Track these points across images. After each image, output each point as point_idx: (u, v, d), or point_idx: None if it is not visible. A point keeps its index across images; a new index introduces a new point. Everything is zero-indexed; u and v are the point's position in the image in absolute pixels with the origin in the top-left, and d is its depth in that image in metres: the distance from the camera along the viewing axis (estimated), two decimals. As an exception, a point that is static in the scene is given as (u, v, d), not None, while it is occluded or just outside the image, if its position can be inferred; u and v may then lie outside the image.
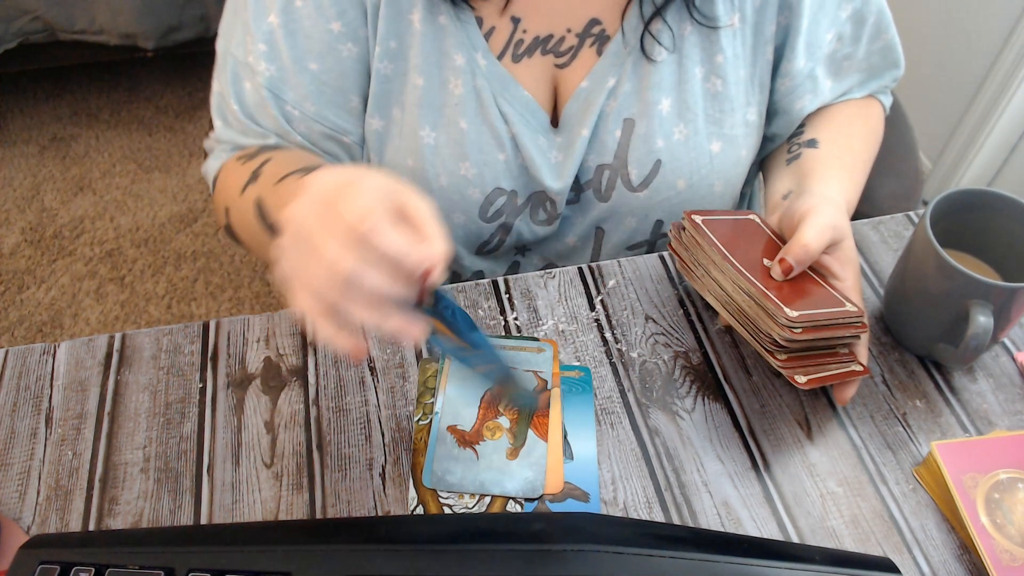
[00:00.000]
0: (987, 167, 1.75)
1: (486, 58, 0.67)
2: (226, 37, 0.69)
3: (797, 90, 0.73)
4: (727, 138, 0.71)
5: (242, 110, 0.69)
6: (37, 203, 1.96)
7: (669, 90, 0.69)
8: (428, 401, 0.60)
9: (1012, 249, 0.61)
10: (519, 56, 0.68)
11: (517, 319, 0.66)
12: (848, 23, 0.72)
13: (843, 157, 0.71)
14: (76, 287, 1.78)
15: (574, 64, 0.69)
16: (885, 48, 0.76)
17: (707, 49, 0.68)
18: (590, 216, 0.75)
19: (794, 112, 0.74)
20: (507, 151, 0.69)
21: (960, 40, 1.68)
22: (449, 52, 0.67)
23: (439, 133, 0.68)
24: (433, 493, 0.55)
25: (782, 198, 0.68)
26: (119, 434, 0.59)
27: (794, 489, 0.56)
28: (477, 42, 0.67)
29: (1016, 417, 0.61)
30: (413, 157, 0.69)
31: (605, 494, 0.56)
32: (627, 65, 0.68)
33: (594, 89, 0.69)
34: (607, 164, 0.71)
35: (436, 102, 0.68)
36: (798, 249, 0.57)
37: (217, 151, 0.73)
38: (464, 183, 0.70)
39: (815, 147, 0.71)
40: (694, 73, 0.68)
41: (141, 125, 2.15)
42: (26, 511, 0.55)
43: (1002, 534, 0.52)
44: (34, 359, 0.63)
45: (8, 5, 1.83)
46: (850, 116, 0.76)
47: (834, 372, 0.56)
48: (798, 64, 0.71)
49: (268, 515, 0.55)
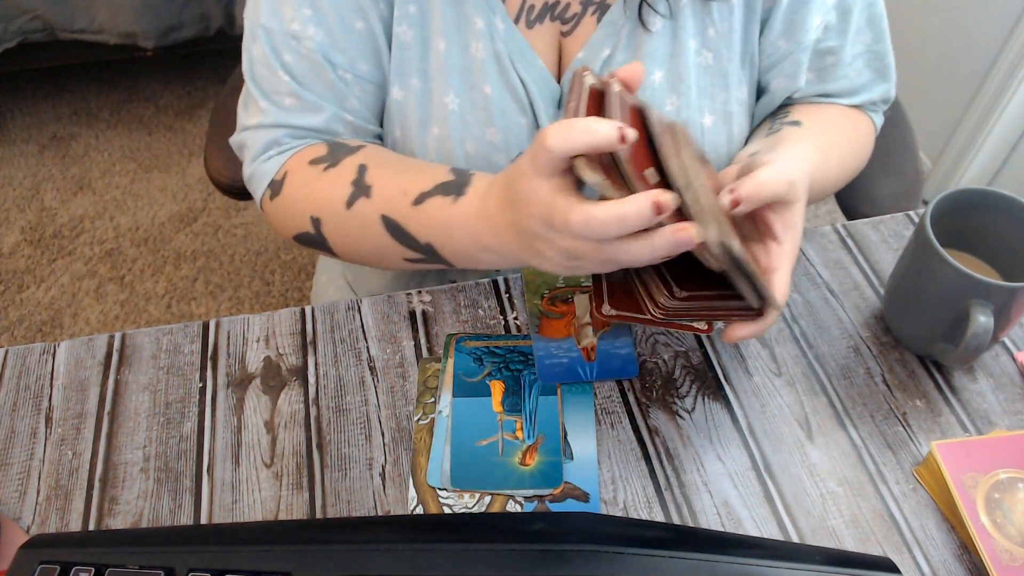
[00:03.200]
0: (987, 166, 1.75)
1: (504, 22, 0.67)
2: (252, 13, 0.67)
3: (774, 68, 0.72)
4: (720, 112, 0.71)
5: (294, 80, 0.67)
6: (37, 202, 1.96)
7: (662, 62, 0.69)
8: (428, 401, 0.60)
9: (1012, 249, 0.61)
10: (532, 22, 0.68)
11: (517, 319, 0.66)
12: (833, 11, 0.71)
13: (823, 142, 0.69)
14: (76, 287, 1.78)
15: (576, 32, 0.69)
16: (872, 54, 0.74)
17: (701, 21, 0.68)
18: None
19: (771, 89, 0.73)
20: (528, 116, 0.69)
21: (960, 39, 1.68)
22: (469, 15, 0.66)
23: (463, 99, 0.68)
24: (433, 493, 0.55)
25: (748, 156, 0.63)
26: (119, 434, 0.59)
27: (794, 489, 0.56)
28: (495, 5, 0.66)
29: (1016, 417, 0.61)
30: (439, 125, 0.68)
31: (605, 494, 0.56)
32: (622, 35, 0.68)
33: (590, 59, 0.69)
34: None
35: (459, 66, 0.67)
36: (751, 184, 0.51)
37: (261, 143, 0.69)
38: (491, 149, 0.69)
39: (797, 126, 0.70)
40: (688, 45, 0.68)
41: (141, 124, 2.15)
42: (26, 511, 0.55)
43: (1002, 534, 0.52)
44: (34, 359, 0.63)
45: (7, 4, 1.83)
46: (838, 117, 0.75)
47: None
48: (776, 41, 0.71)
49: (268, 515, 0.55)
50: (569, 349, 0.63)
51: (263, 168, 0.69)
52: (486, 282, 0.69)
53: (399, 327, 0.65)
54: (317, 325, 0.66)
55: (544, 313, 0.65)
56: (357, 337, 0.65)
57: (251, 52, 0.68)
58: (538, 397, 0.60)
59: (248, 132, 0.70)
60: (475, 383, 0.61)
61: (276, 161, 0.69)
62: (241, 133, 0.71)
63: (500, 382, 0.61)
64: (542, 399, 0.60)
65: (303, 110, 0.68)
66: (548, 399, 0.60)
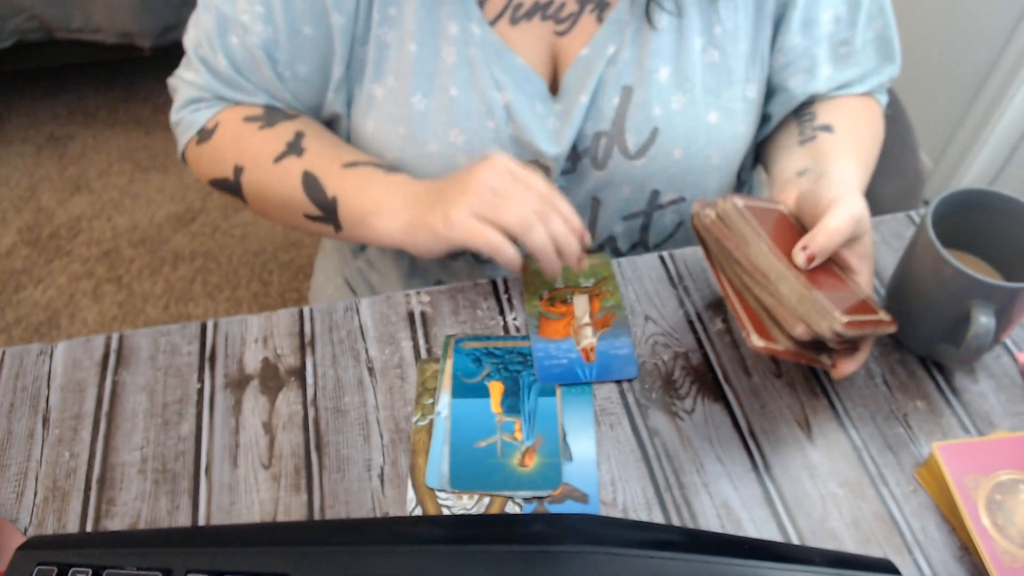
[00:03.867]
0: (988, 167, 1.75)
1: (480, 27, 0.67)
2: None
3: (791, 66, 0.73)
4: (725, 110, 0.71)
5: (231, 64, 0.71)
6: (34, 203, 1.96)
7: (668, 59, 0.69)
8: (427, 402, 0.60)
9: (1014, 249, 0.61)
10: (517, 19, 0.68)
11: (516, 319, 0.66)
12: (843, 5, 0.72)
13: (859, 148, 0.71)
14: (73, 287, 1.78)
15: (574, 31, 0.69)
16: (880, 39, 0.75)
17: (707, 19, 0.69)
18: (586, 187, 0.74)
19: (789, 88, 0.74)
20: (496, 119, 0.69)
21: (962, 39, 1.68)
22: (443, 20, 0.67)
23: (430, 100, 0.69)
24: (431, 494, 0.55)
25: (797, 174, 0.66)
26: (116, 435, 0.59)
27: (794, 490, 0.56)
28: (471, 11, 0.67)
29: (1018, 418, 0.60)
30: (404, 124, 0.70)
31: (604, 495, 0.56)
32: (628, 32, 0.68)
33: (594, 56, 0.69)
34: (604, 131, 0.71)
35: (429, 69, 0.69)
36: (824, 238, 0.56)
37: (191, 96, 0.75)
38: (453, 150, 0.70)
39: (831, 132, 0.71)
40: (693, 43, 0.69)
41: (138, 124, 2.15)
42: (23, 512, 0.55)
43: (1003, 535, 0.52)
44: (31, 359, 0.63)
45: (4, 3, 1.82)
46: (858, 112, 0.76)
47: (800, 353, 0.56)
48: (792, 39, 0.71)
49: (266, 516, 0.55)
50: (568, 350, 0.63)
51: (191, 118, 0.75)
52: (485, 283, 0.68)
53: (398, 328, 0.65)
54: (315, 326, 0.65)
55: (543, 314, 0.65)
56: (356, 338, 0.64)
57: (199, 23, 0.72)
58: (537, 398, 0.60)
59: (182, 82, 0.76)
60: (474, 384, 0.61)
61: (205, 113, 0.74)
62: (176, 79, 0.77)
63: (499, 383, 0.61)
64: (541, 400, 0.60)
65: (237, 90, 0.73)
66: (547, 400, 0.60)
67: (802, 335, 0.53)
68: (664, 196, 0.75)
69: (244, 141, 0.71)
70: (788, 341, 0.54)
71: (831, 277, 0.57)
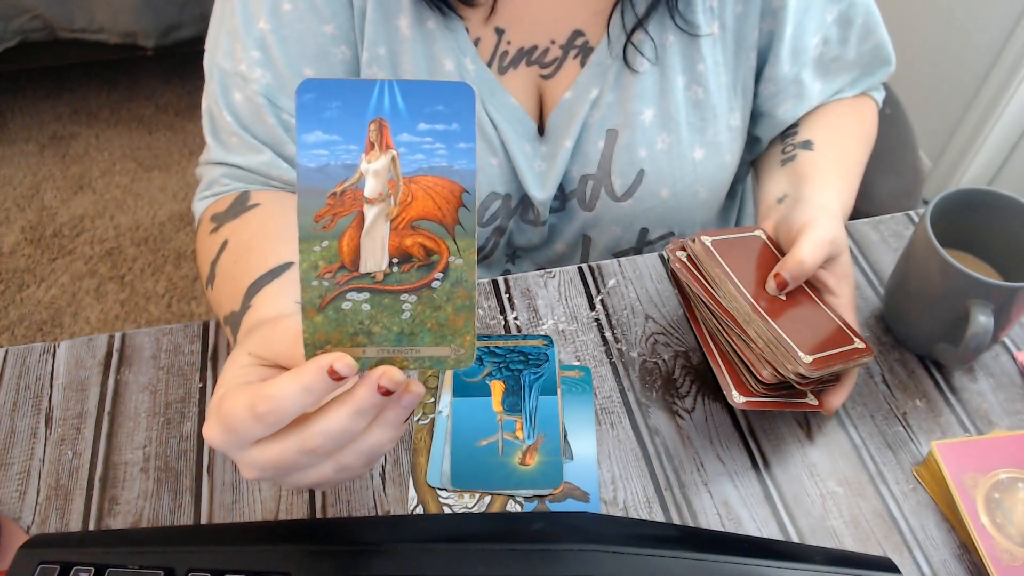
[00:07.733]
0: (988, 166, 1.75)
1: (475, 63, 0.67)
2: (211, 51, 0.68)
3: (781, 94, 0.73)
4: (710, 144, 0.71)
5: (236, 121, 0.68)
6: (37, 202, 1.96)
7: (651, 100, 0.69)
8: (428, 401, 0.60)
9: (1012, 248, 0.61)
10: (505, 68, 0.68)
11: (517, 319, 0.66)
12: (834, 26, 0.72)
13: (839, 161, 0.71)
14: (76, 286, 1.78)
15: (559, 75, 0.69)
16: (875, 48, 0.75)
17: (689, 58, 0.68)
18: (575, 224, 0.75)
19: (778, 116, 0.74)
20: (499, 155, 0.70)
21: (961, 38, 1.68)
22: (439, 57, 0.67)
23: None
24: (433, 492, 0.55)
25: (777, 201, 0.67)
26: (119, 434, 0.59)
27: (794, 489, 0.56)
28: (466, 47, 0.67)
29: (1016, 417, 0.60)
30: None
31: (605, 494, 0.56)
32: (609, 76, 0.68)
33: (577, 100, 0.69)
34: (590, 174, 0.71)
35: None
36: (793, 265, 0.56)
37: (206, 179, 0.70)
38: None
39: (810, 149, 0.71)
40: (676, 82, 0.68)
41: (141, 124, 2.15)
42: (26, 511, 0.55)
43: (1002, 534, 0.52)
44: (34, 358, 0.63)
45: (7, 3, 1.83)
46: (843, 116, 0.76)
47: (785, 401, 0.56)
48: (782, 69, 0.71)
49: (268, 515, 0.55)
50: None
51: (197, 206, 0.70)
52: (486, 282, 0.69)
53: (399, 327, 0.65)
54: (317, 325, 0.65)
55: None
56: (357, 337, 0.65)
57: (207, 88, 0.69)
58: (538, 397, 0.60)
59: (200, 167, 0.72)
60: (475, 383, 0.61)
61: (203, 203, 0.69)
62: (198, 167, 0.73)
63: (500, 382, 0.61)
64: (542, 399, 0.60)
65: (245, 150, 0.68)
66: (548, 399, 0.60)
67: (768, 379, 0.54)
68: (653, 232, 0.75)
69: (201, 249, 0.66)
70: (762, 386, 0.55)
71: (806, 307, 0.58)
